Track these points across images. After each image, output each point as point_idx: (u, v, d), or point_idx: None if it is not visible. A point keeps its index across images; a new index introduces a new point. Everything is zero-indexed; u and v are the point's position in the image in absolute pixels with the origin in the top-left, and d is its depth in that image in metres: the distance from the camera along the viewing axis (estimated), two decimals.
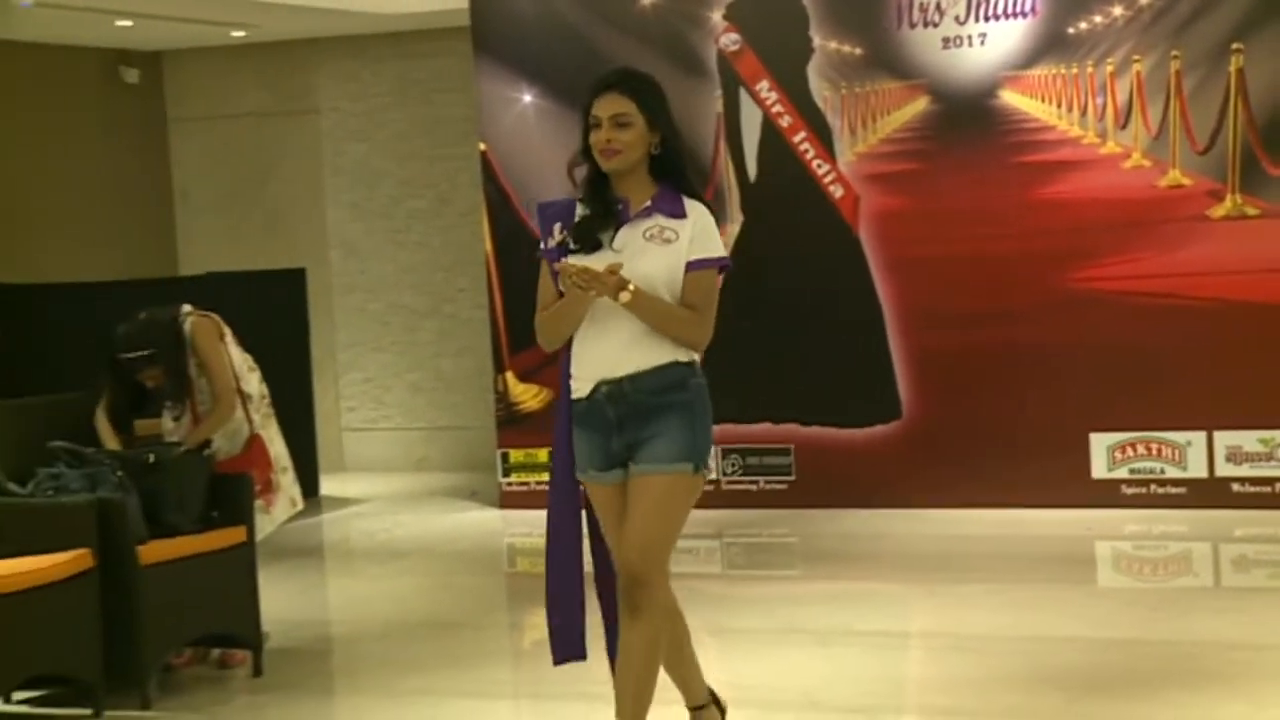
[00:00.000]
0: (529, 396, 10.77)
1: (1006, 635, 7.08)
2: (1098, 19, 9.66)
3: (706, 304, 4.71)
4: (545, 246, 4.80)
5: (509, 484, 10.78)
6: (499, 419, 10.87)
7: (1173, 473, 9.57)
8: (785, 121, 10.21)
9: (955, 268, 9.87)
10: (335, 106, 12.82)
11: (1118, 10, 9.61)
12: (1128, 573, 8.90)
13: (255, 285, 11.29)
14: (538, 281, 4.86)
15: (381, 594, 8.78)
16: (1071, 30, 9.72)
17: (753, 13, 10.25)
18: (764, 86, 10.24)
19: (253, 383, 7.23)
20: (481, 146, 10.81)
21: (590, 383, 4.70)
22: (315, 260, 12.49)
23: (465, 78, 11.09)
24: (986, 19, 9.82)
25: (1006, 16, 9.79)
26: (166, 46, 12.89)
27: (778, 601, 8.24)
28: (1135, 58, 9.61)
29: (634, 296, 4.52)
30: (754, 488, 10.33)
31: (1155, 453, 9.59)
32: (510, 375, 10.80)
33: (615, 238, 4.68)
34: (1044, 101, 9.82)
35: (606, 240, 4.68)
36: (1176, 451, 9.55)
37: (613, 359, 4.66)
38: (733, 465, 10.36)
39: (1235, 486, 9.47)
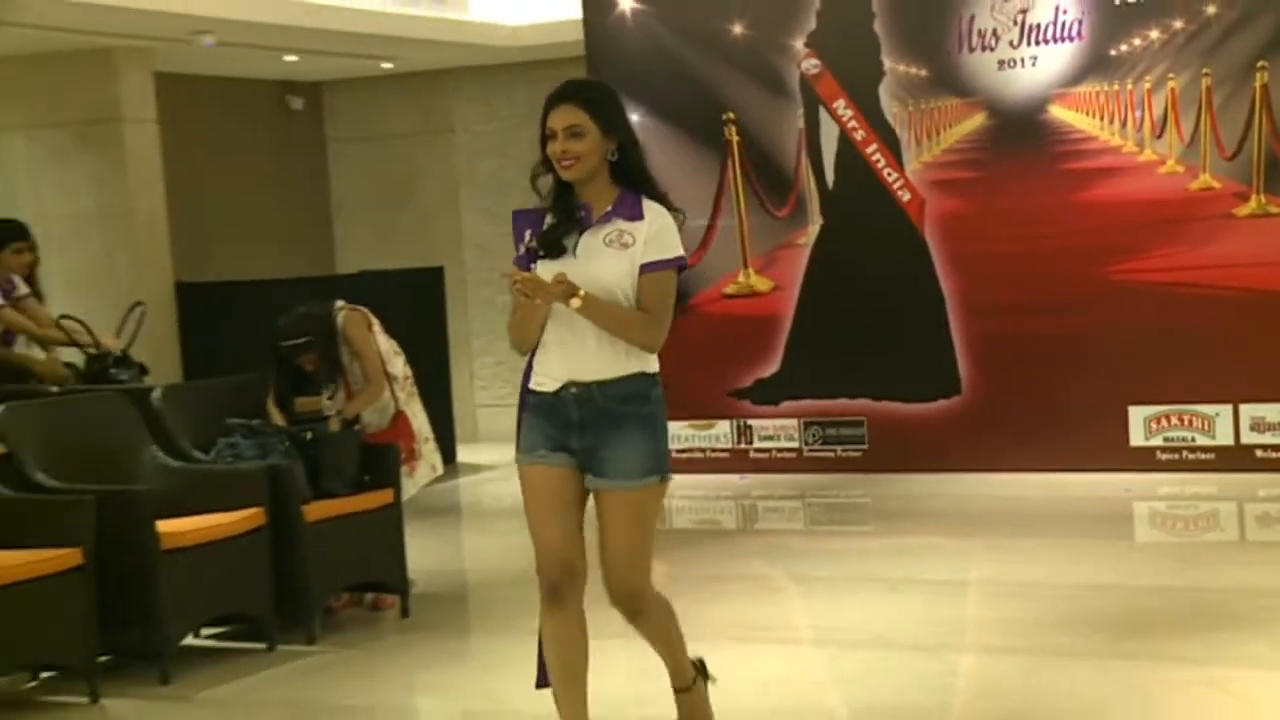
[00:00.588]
0: None
1: (1054, 583, 7.05)
2: (1136, 42, 9.55)
3: (661, 306, 4.25)
4: (517, 253, 4.33)
5: None
6: None
7: (1202, 440, 9.46)
8: (859, 135, 10.15)
9: (1009, 262, 9.78)
10: (469, 127, 12.91)
11: (1154, 34, 9.49)
12: (1162, 529, 8.82)
13: (401, 282, 11.36)
14: None
15: (509, 547, 8.81)
16: (1113, 52, 9.61)
17: (830, 40, 10.19)
18: (840, 105, 10.19)
19: (398, 365, 7.30)
20: None
21: (559, 381, 4.30)
22: (452, 259, 12.57)
23: None
24: (1037, 43, 9.74)
25: (1055, 41, 9.71)
26: (326, 78, 13.03)
27: (853, 553, 8.23)
28: (1170, 76, 9.50)
29: (584, 302, 4.12)
30: (832, 455, 10.28)
31: (1187, 423, 9.48)
32: None
33: (578, 244, 4.25)
34: (1088, 115, 9.72)
35: (571, 246, 4.25)
36: (1206, 422, 9.45)
37: (582, 363, 4.26)
38: (814, 435, 10.32)
39: (1259, 452, 9.35)
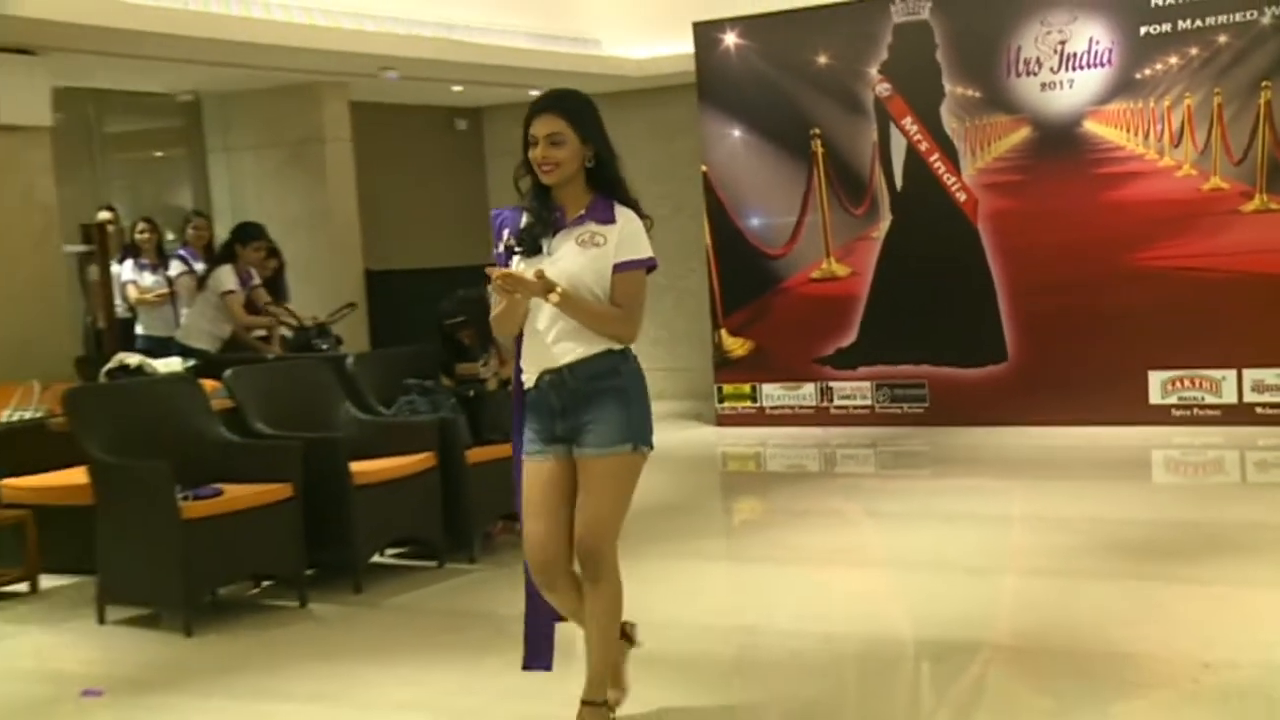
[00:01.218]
0: (737, 346, 10.80)
1: (1084, 517, 6.98)
2: (1158, 67, 9.39)
3: (633, 302, 3.87)
4: (496, 250, 3.93)
5: (722, 409, 10.83)
6: (715, 363, 10.91)
7: (1211, 399, 9.31)
8: (923, 146, 10.07)
9: (1048, 251, 9.67)
10: None
11: (1173, 60, 9.34)
12: (1176, 473, 8.69)
13: None
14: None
15: (640, 482, 8.90)
16: (1138, 75, 9.46)
17: (899, 68, 10.11)
18: (908, 121, 10.10)
19: None
20: (704, 169, 10.83)
21: (535, 373, 3.88)
22: None
23: (692, 120, 11.10)
24: (1074, 69, 9.61)
25: (1089, 67, 9.57)
26: (485, 104, 13.11)
27: (915, 492, 8.19)
28: (1186, 94, 9.33)
29: (562, 298, 3.71)
30: (899, 411, 10.22)
31: (1197, 385, 9.33)
32: (724, 331, 10.84)
33: (553, 243, 3.82)
34: (1117, 129, 9.57)
35: (546, 245, 3.82)
36: (1214, 384, 9.28)
37: (552, 351, 3.83)
38: (883, 395, 10.26)
39: (1259, 409, 9.19)
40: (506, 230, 3.88)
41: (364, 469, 6.18)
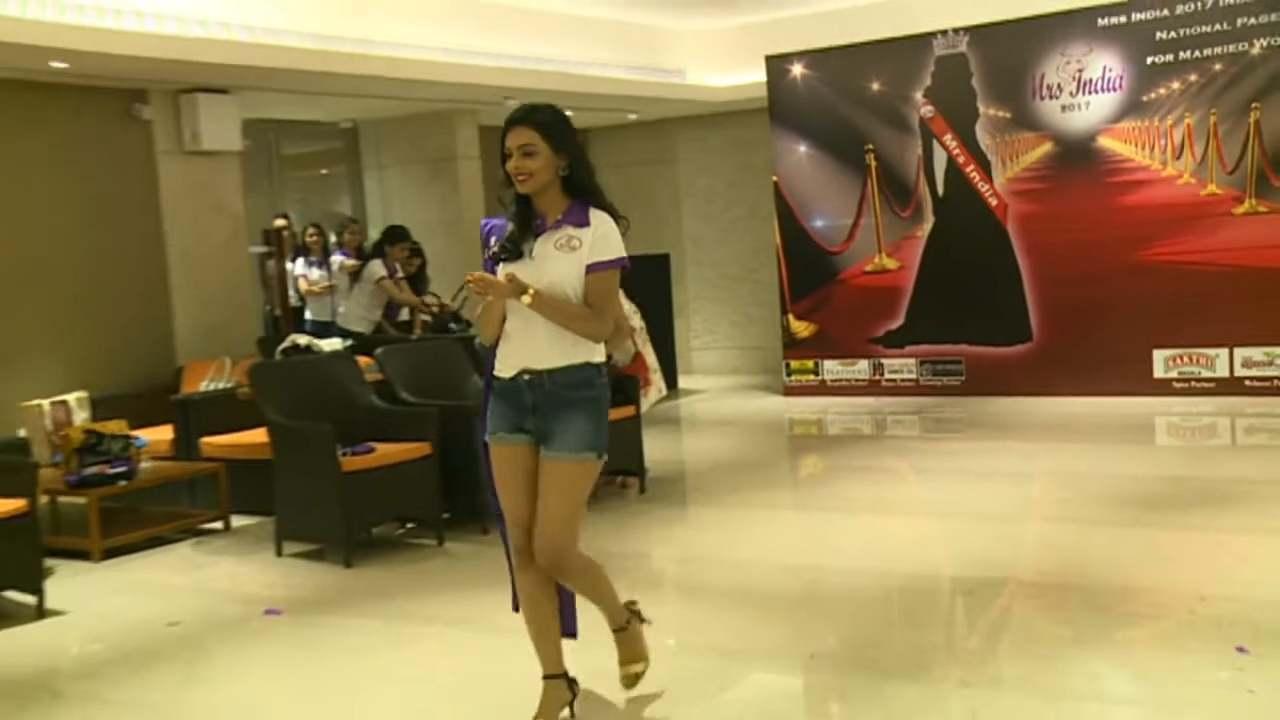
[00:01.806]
0: (802, 329, 10.75)
1: (1096, 473, 6.87)
2: (1163, 91, 9.19)
3: (605, 302, 3.46)
4: (485, 256, 3.56)
5: (789, 382, 10.79)
6: (784, 343, 10.86)
7: (1206, 374, 9.12)
8: (961, 159, 9.94)
9: (1068, 248, 9.51)
10: (688, 157, 12.88)
11: (1175, 85, 9.13)
12: (1175, 436, 8.51)
13: (641, 264, 11.12)
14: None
15: (714, 446, 8.93)
16: (1145, 98, 9.26)
17: (941, 92, 9.97)
18: (948, 138, 9.98)
19: (636, 320, 7.37)
20: (775, 179, 10.77)
21: (515, 368, 3.46)
22: (676, 248, 12.61)
23: (765, 138, 11.04)
24: (1090, 93, 9.43)
25: (1103, 91, 9.39)
26: (591, 125, 13.10)
27: (954, 453, 8.11)
28: (1187, 114, 9.12)
29: (534, 299, 3.37)
30: (939, 383, 10.12)
31: (1195, 361, 9.15)
32: (791, 316, 10.79)
33: (534, 248, 3.44)
34: (1126, 144, 9.37)
35: (528, 250, 3.45)
36: (1209, 360, 9.10)
37: (537, 353, 3.44)
38: (927, 370, 10.18)
39: (1248, 382, 9.00)
40: (494, 238, 3.53)
41: None
